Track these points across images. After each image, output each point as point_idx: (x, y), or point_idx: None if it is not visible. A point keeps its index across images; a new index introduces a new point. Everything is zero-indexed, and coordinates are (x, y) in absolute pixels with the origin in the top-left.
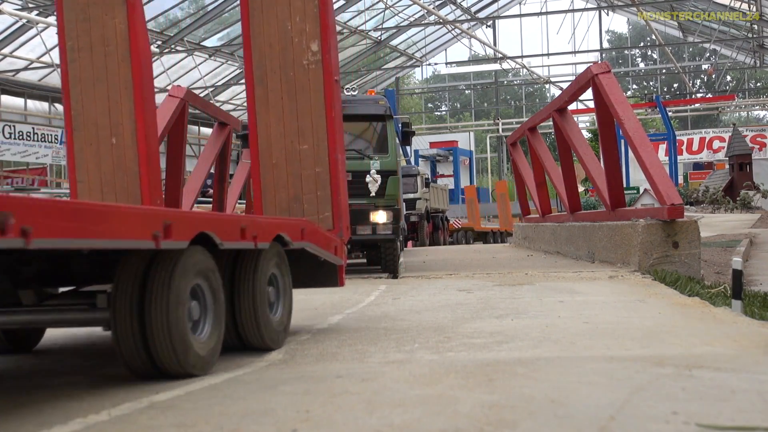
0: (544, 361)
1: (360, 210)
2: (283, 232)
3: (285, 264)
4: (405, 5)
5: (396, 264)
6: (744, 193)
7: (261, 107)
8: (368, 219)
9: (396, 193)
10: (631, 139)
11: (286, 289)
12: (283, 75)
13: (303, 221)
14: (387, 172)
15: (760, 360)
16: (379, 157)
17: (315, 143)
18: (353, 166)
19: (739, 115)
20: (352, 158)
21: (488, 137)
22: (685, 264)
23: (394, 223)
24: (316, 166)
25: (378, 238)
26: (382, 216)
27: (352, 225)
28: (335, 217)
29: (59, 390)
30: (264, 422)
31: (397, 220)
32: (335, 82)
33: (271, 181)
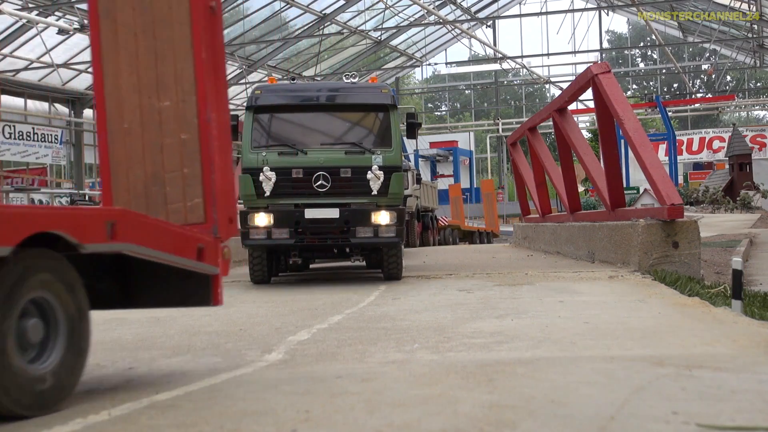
0: (544, 361)
1: (361, 210)
2: (59, 229)
3: (69, 281)
4: (405, 5)
5: (399, 270)
6: (744, 193)
7: (108, 50)
8: (370, 220)
9: (400, 192)
10: (631, 139)
11: (71, 322)
12: (137, 2)
13: (115, 211)
14: (390, 167)
15: (760, 360)
16: (381, 151)
17: (180, 99)
18: (353, 161)
19: (739, 115)
20: (353, 152)
21: (488, 137)
22: (685, 264)
23: (398, 224)
24: (181, 131)
25: (380, 242)
26: (385, 217)
27: (351, 226)
28: (207, 205)
29: None
30: (264, 422)
31: (401, 222)
32: (209, 9)
33: (123, 153)
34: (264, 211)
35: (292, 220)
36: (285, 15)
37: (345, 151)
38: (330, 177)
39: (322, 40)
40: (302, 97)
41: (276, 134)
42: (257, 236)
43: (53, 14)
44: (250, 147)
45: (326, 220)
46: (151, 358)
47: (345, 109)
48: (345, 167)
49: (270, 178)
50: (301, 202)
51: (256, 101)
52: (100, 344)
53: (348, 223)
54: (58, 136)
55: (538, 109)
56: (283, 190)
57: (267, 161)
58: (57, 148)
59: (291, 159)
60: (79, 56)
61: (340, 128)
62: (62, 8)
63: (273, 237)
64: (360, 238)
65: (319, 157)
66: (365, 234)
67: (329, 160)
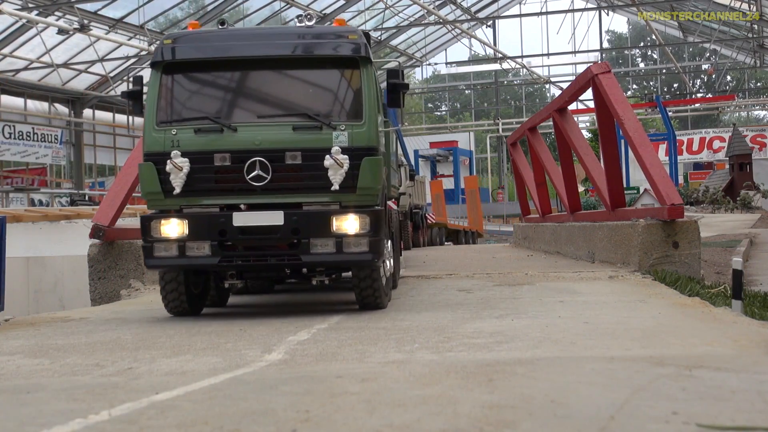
0: (544, 361)
1: (317, 214)
2: None
3: None
4: (405, 5)
5: (380, 295)
6: (744, 193)
7: None
8: (330, 228)
9: (374, 186)
10: (631, 139)
11: None
12: None
13: None
14: (360, 150)
15: (760, 360)
16: (348, 126)
17: None
18: (305, 141)
19: (739, 115)
20: (305, 128)
21: (488, 137)
22: (685, 264)
23: (372, 234)
24: None
25: (345, 261)
26: (353, 223)
27: (303, 238)
28: None
29: (59, 390)
30: (264, 422)
31: (376, 230)
32: None
33: None
34: (175, 217)
35: (215, 229)
36: (285, 15)
37: (293, 126)
38: (271, 165)
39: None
40: (232, 48)
41: (193, 103)
42: (165, 253)
43: (53, 14)
44: (154, 123)
45: (265, 228)
46: (151, 358)
47: (295, 64)
48: (293, 150)
49: (181, 168)
50: (228, 203)
51: (164, 55)
52: (100, 344)
53: (298, 232)
54: (57, 136)
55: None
56: (201, 185)
57: (178, 143)
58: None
59: (214, 139)
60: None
61: (288, 93)
62: (62, 8)
63: (188, 254)
64: (315, 255)
65: (255, 136)
66: (323, 249)
67: (270, 141)
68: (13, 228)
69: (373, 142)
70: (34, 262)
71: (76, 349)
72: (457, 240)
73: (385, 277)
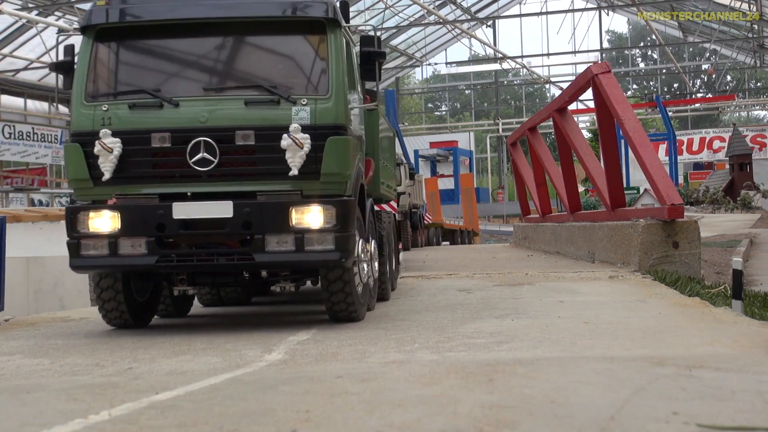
0: (544, 361)
1: (272, 205)
2: None
3: None
4: (405, 5)
5: (354, 303)
6: (744, 193)
7: None
8: (288, 222)
9: (342, 171)
10: (631, 139)
11: None
12: None
13: None
14: (325, 128)
15: (760, 360)
16: (310, 100)
17: None
18: (259, 117)
19: (740, 115)
20: (259, 103)
21: (488, 137)
22: (686, 264)
23: (340, 229)
24: None
25: (308, 261)
26: (316, 216)
27: (256, 233)
28: None
29: (59, 390)
30: (264, 422)
31: (345, 224)
32: None
33: None
34: (106, 209)
35: (151, 222)
36: None
37: (246, 100)
38: (219, 147)
39: None
40: (175, 9)
41: (129, 74)
42: (94, 252)
43: (53, 14)
44: (83, 97)
45: (212, 222)
46: (151, 358)
47: (250, 28)
48: (245, 128)
49: (111, 150)
50: (168, 192)
51: (97, 18)
52: (100, 344)
53: (250, 227)
54: (57, 136)
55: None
56: (136, 170)
57: (110, 121)
58: (57, 148)
59: (151, 116)
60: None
61: (241, 62)
62: (62, 8)
63: (120, 253)
64: (271, 254)
65: (200, 113)
66: (281, 246)
67: (218, 117)
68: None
69: (341, 119)
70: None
71: (76, 349)
72: (453, 240)
73: (362, 284)
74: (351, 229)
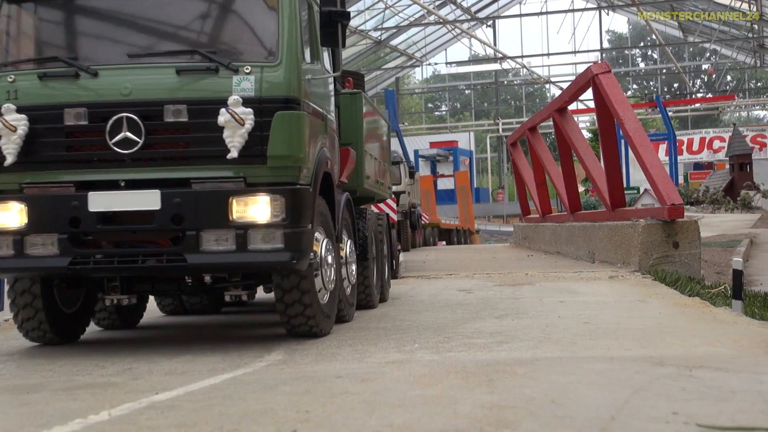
0: (544, 361)
1: (209, 194)
2: None
3: None
4: (405, 5)
5: (316, 316)
6: (744, 193)
7: None
8: (227, 216)
9: (294, 152)
10: (631, 139)
11: None
12: None
13: None
14: (273, 101)
15: (760, 360)
16: (255, 67)
17: None
18: (189, 88)
19: (740, 115)
20: (192, 71)
21: (488, 137)
22: (686, 264)
23: (291, 223)
24: None
25: (252, 263)
26: (261, 208)
27: (189, 229)
28: None
29: (59, 390)
30: (264, 422)
31: (297, 217)
32: None
33: None
34: (11, 199)
35: (64, 216)
36: None
37: (177, 68)
38: (145, 125)
39: None
40: None
41: (40, 39)
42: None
43: None
44: None
45: (136, 215)
46: (151, 358)
47: None
48: (176, 102)
49: (15, 129)
50: (84, 179)
51: None
52: (100, 344)
53: (181, 221)
54: None
55: (538, 109)
56: (46, 152)
57: (15, 94)
58: None
59: (65, 88)
60: None
61: (170, 23)
62: None
63: (28, 253)
64: (207, 255)
65: (123, 84)
66: (219, 245)
67: (144, 89)
68: None
69: (292, 90)
70: None
71: (76, 349)
72: (449, 240)
73: (327, 291)
74: (304, 224)
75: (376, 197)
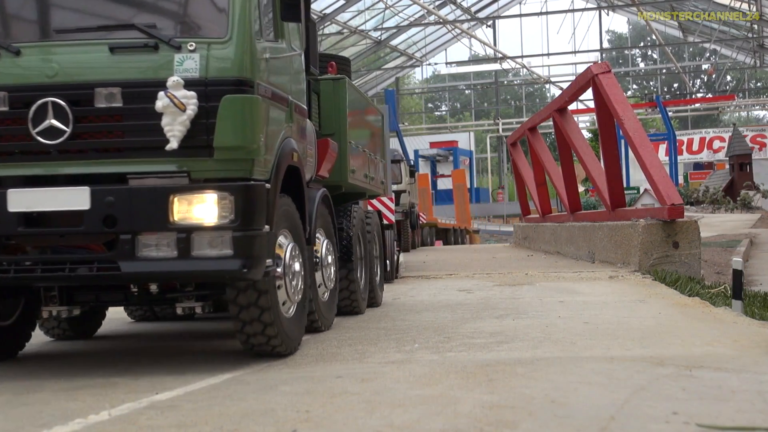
0: (544, 361)
1: (145, 191)
2: None
3: None
4: (405, 5)
5: (276, 339)
6: (744, 193)
7: None
8: (166, 216)
9: (247, 143)
10: (631, 139)
11: None
12: None
13: None
14: (221, 83)
15: (760, 360)
16: (200, 45)
17: None
18: (124, 69)
19: (739, 115)
20: (128, 49)
21: (488, 137)
22: (686, 264)
23: (242, 225)
24: None
25: (195, 272)
26: (207, 208)
27: (123, 232)
28: None
29: (59, 390)
30: (264, 422)
31: (250, 218)
32: None
33: None
34: None
35: None
36: None
37: (111, 45)
38: (73, 111)
39: (322, 40)
40: None
41: None
42: None
43: None
44: None
45: (64, 216)
46: (151, 358)
47: None
48: (109, 85)
49: None
50: (2, 175)
51: None
52: (100, 344)
53: (114, 223)
54: None
55: (538, 109)
56: None
57: None
58: None
59: None
60: None
61: None
62: None
63: None
64: (144, 262)
65: (47, 64)
66: (158, 251)
67: (72, 70)
68: None
69: (244, 70)
70: None
71: (76, 349)
72: (446, 239)
73: (294, 303)
74: (258, 226)
75: (367, 193)
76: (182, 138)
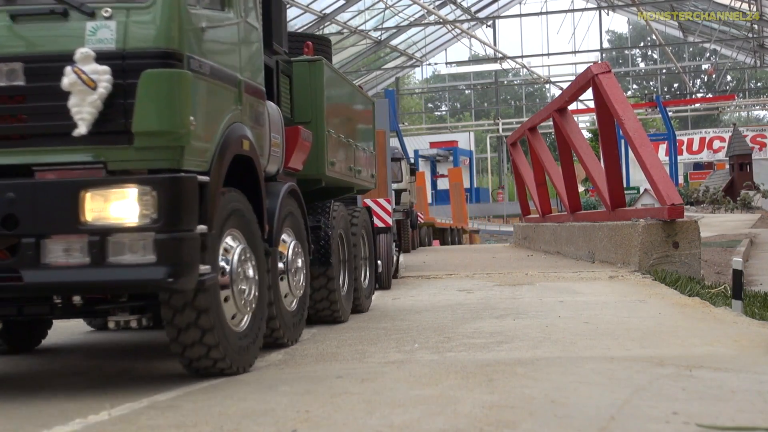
0: (544, 361)
1: (48, 187)
2: None
3: None
4: (405, 5)
5: (223, 362)
6: (744, 193)
7: None
8: (77, 217)
9: (175, 127)
10: (631, 139)
11: None
12: None
13: None
14: (140, 55)
15: (760, 360)
16: (117, 11)
17: None
18: (26, 40)
19: (739, 115)
20: (28, 15)
21: (488, 137)
22: (686, 264)
23: (166, 226)
24: None
25: (112, 282)
26: (127, 207)
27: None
28: None
29: (59, 390)
30: (264, 422)
31: (177, 218)
32: None
33: None
34: None
35: None
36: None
37: (11, 12)
38: None
39: None
40: None
41: None
42: None
43: None
44: None
45: None
46: (151, 358)
47: None
48: (8, 59)
49: None
50: None
51: None
52: (100, 344)
53: (15, 224)
54: None
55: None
56: None
57: None
58: None
59: None
60: None
61: None
62: None
63: None
64: (51, 270)
65: None
66: (68, 258)
67: None
68: None
69: (171, 42)
70: None
71: (76, 349)
72: (443, 239)
73: (248, 314)
74: (189, 227)
75: (354, 188)
76: (93, 121)
